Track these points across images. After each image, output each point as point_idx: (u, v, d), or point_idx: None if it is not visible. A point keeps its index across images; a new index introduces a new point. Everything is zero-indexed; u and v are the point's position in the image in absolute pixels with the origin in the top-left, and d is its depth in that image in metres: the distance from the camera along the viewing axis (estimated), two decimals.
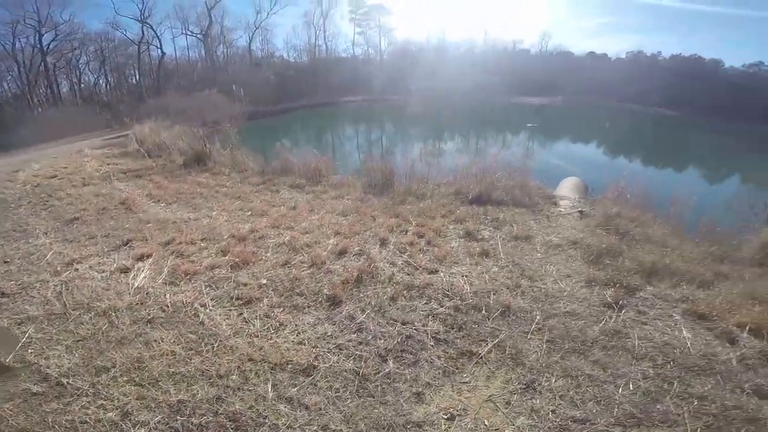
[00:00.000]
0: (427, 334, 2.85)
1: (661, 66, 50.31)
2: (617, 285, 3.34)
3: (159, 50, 32.07)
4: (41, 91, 29.01)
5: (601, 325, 2.92)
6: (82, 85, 31.48)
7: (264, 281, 3.61)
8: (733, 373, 2.45)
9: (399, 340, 2.80)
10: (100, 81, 32.26)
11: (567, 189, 6.75)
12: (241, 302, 3.32)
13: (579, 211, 5.11)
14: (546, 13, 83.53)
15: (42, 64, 27.87)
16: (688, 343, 2.71)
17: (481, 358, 2.62)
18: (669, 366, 2.53)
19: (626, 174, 5.97)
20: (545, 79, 49.09)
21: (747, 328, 2.79)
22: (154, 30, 31.21)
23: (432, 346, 2.74)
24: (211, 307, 3.24)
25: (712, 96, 43.61)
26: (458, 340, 2.81)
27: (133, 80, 32.63)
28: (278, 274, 3.73)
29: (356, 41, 49.47)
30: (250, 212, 5.85)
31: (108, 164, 11.15)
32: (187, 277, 3.74)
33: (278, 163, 8.66)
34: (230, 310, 3.23)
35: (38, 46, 27.33)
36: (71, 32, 28.59)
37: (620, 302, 3.16)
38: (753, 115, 41.71)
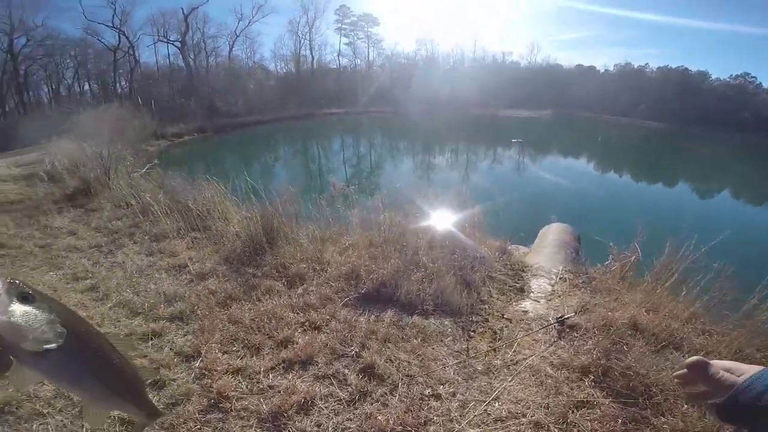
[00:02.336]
0: None
1: (649, 78, 49.73)
2: None
3: (133, 58, 30.13)
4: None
5: None
6: (62, 93, 29.62)
7: None
8: None
9: None
10: (84, 87, 30.39)
11: (548, 248, 4.53)
12: None
13: (559, 321, 2.85)
14: (532, 23, 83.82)
15: (12, 68, 25.83)
16: None
17: None
18: None
19: (632, 210, 3.72)
20: (533, 91, 48.37)
21: None
22: (127, 37, 29.51)
23: None
24: None
25: (699, 107, 43.00)
26: None
27: (118, 88, 30.50)
28: None
29: (344, 52, 48.10)
30: None
31: None
32: None
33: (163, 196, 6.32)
34: None
35: (9, 51, 25.54)
36: (45, 38, 27.08)
37: None
38: (743, 125, 40.94)
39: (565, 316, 2.82)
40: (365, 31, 47.45)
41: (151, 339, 2.84)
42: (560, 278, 3.72)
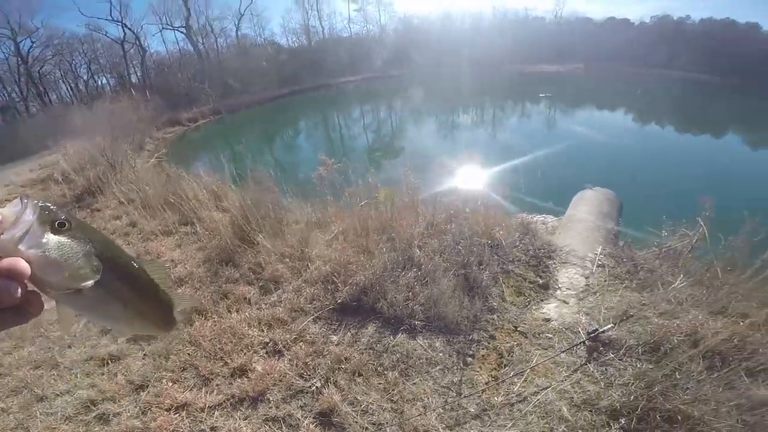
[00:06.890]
0: None
1: (690, 30, 46.01)
2: None
3: (141, 48, 30.33)
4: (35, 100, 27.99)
5: None
6: (81, 89, 30.30)
7: None
8: None
9: None
10: (102, 82, 31.05)
11: (583, 223, 3.76)
12: None
13: (591, 337, 2.09)
14: None
15: (25, 72, 26.62)
16: None
17: None
18: None
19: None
20: (562, 46, 46.84)
21: None
22: (130, 29, 29.65)
23: None
24: None
25: (748, 60, 38.73)
26: None
27: (134, 79, 30.98)
28: None
29: (354, 19, 46.70)
30: None
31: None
32: None
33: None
34: None
35: (18, 54, 26.22)
36: (50, 38, 27.66)
37: None
38: None
39: (600, 330, 2.14)
40: None
41: (108, 364, 2.53)
42: (597, 265, 3.00)
